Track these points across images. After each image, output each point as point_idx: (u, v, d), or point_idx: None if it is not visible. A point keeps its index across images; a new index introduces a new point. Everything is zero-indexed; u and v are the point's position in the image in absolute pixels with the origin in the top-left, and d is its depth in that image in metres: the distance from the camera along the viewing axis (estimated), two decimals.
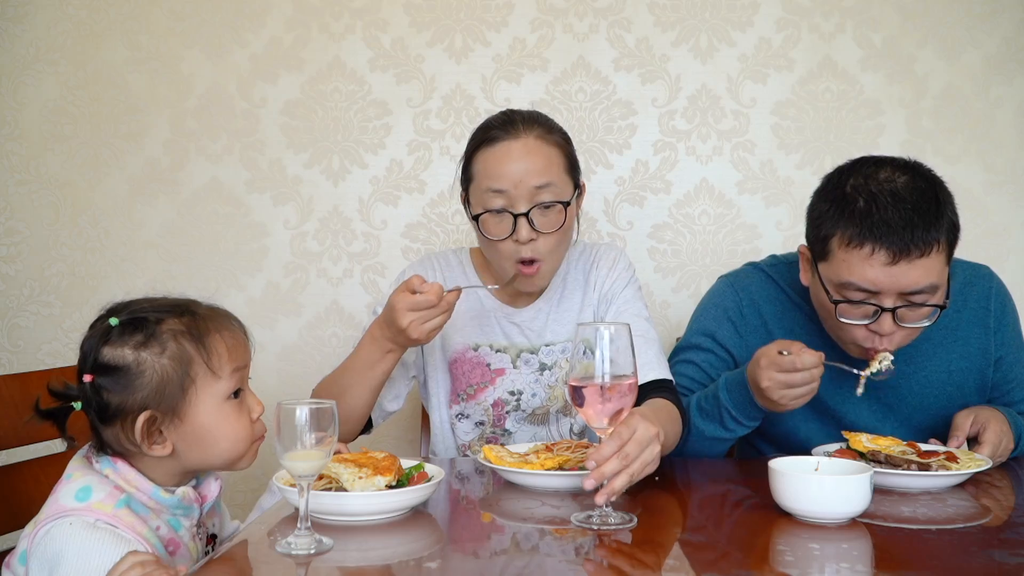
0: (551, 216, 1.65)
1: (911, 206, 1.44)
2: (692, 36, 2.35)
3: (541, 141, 1.65)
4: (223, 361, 1.25)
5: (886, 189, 1.46)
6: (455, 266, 1.84)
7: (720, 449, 1.64)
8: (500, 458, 1.43)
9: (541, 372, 1.79)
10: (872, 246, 1.43)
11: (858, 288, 1.47)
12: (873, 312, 1.47)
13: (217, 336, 1.26)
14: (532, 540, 1.17)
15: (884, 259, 1.43)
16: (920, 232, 1.42)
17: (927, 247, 1.42)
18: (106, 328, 1.24)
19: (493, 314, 1.80)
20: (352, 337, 2.40)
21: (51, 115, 2.44)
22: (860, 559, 1.10)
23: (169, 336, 1.23)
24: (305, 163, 2.41)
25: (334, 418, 1.13)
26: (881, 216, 1.43)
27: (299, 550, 1.09)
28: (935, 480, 1.39)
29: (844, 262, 1.47)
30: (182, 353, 1.23)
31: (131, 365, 1.22)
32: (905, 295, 1.46)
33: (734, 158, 2.36)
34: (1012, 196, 2.33)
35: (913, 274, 1.43)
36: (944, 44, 2.32)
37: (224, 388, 1.25)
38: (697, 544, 1.15)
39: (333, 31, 2.39)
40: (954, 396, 1.66)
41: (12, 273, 2.46)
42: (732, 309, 1.73)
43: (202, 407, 1.24)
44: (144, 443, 1.22)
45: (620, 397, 1.20)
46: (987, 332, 1.68)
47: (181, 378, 1.22)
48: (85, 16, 2.43)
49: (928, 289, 1.45)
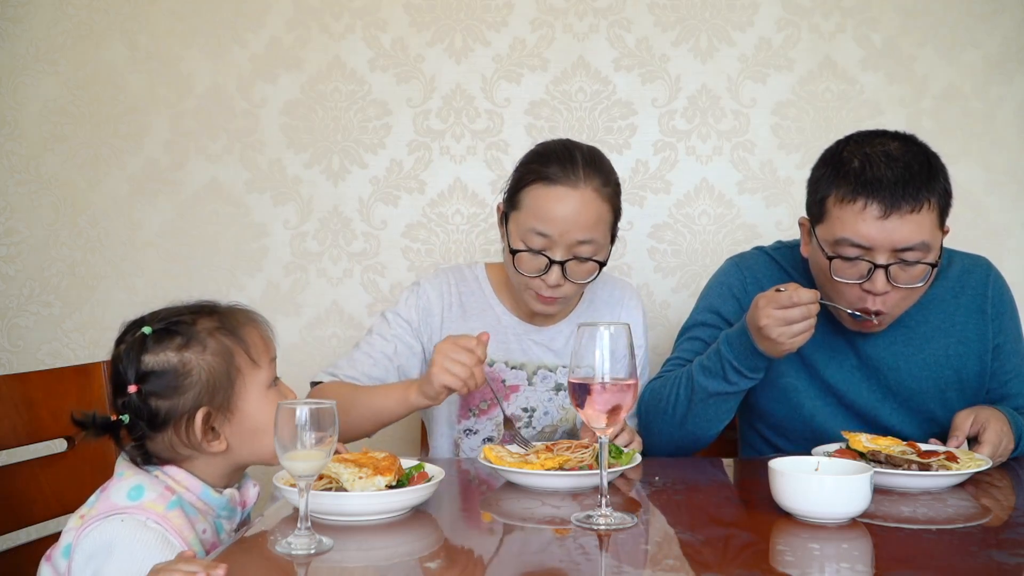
0: (584, 269, 1.68)
1: (903, 165, 1.50)
2: (692, 36, 2.35)
3: (597, 195, 1.65)
4: (260, 351, 1.31)
5: (880, 151, 1.53)
6: (471, 282, 1.84)
7: (725, 409, 1.63)
8: (500, 458, 1.43)
9: (556, 392, 1.80)
10: (865, 201, 1.49)
11: (852, 244, 1.51)
12: (867, 270, 1.52)
13: (249, 328, 1.32)
14: (532, 540, 1.17)
15: (876, 213, 1.49)
16: (911, 188, 1.49)
17: (918, 204, 1.49)
18: (141, 338, 1.26)
19: (512, 331, 1.80)
20: (352, 337, 2.40)
21: (51, 115, 2.44)
22: (860, 559, 1.10)
23: (206, 334, 1.27)
24: (305, 163, 2.41)
25: (334, 418, 1.13)
26: (874, 173, 1.50)
27: (299, 550, 1.09)
28: (935, 480, 1.38)
29: (838, 219, 1.53)
30: (223, 348, 1.27)
31: (177, 367, 1.25)
32: (897, 251, 1.50)
33: (734, 158, 2.36)
34: (1012, 196, 2.33)
35: (904, 229, 1.49)
36: (944, 44, 2.32)
37: (265, 377, 1.30)
38: (697, 544, 1.14)
39: (333, 31, 2.39)
40: (952, 380, 1.68)
41: (12, 273, 2.46)
42: (736, 287, 1.76)
43: (250, 398, 1.28)
44: (203, 441, 1.25)
45: (619, 397, 1.20)
46: (984, 318, 1.70)
47: (228, 371, 1.27)
48: (85, 16, 2.43)
49: (920, 247, 1.50)
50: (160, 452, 1.27)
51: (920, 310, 1.67)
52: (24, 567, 1.50)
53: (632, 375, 1.21)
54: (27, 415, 1.53)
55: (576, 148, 1.70)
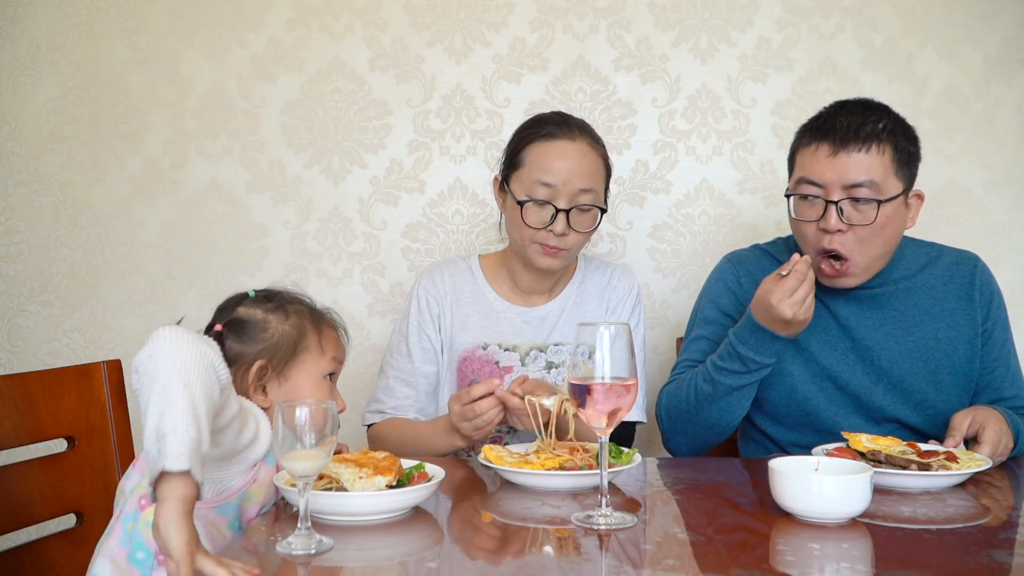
0: (586, 218, 1.78)
1: (858, 114, 1.64)
2: (692, 36, 2.35)
3: (592, 148, 1.79)
4: (329, 344, 1.47)
5: (840, 105, 1.68)
6: (464, 272, 1.92)
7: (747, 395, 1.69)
8: (500, 458, 1.43)
9: (548, 370, 1.85)
10: (818, 142, 1.64)
11: (807, 181, 1.64)
12: (822, 209, 1.62)
13: (330, 326, 1.50)
14: (532, 540, 1.17)
15: (827, 151, 1.62)
16: (862, 131, 1.61)
17: (866, 143, 1.60)
18: (243, 296, 1.48)
19: (503, 314, 1.87)
20: (352, 338, 2.38)
21: (51, 115, 2.44)
22: (860, 559, 1.10)
23: (294, 311, 1.46)
24: (305, 163, 2.41)
25: (334, 418, 1.14)
26: (829, 118, 1.66)
27: (299, 550, 1.09)
28: (935, 480, 1.39)
29: (800, 164, 1.68)
30: (302, 325, 1.45)
31: (259, 321, 1.43)
32: (847, 188, 1.61)
33: (734, 158, 2.36)
34: (1012, 196, 2.33)
35: (853, 166, 1.60)
36: (944, 44, 2.32)
37: (325, 366, 1.45)
38: (697, 544, 1.15)
39: (333, 31, 2.39)
40: (943, 363, 1.72)
41: (12, 273, 2.46)
42: (731, 281, 1.84)
43: (304, 374, 1.43)
44: (251, 390, 1.39)
45: (619, 397, 1.20)
46: (972, 305, 1.75)
47: (295, 343, 1.43)
48: (85, 16, 2.43)
49: (868, 184, 1.60)
50: None
51: (909, 296, 1.74)
52: (24, 567, 1.50)
53: (632, 375, 1.21)
54: (27, 415, 1.53)
55: (566, 114, 1.84)
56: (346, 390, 1.90)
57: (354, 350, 2.41)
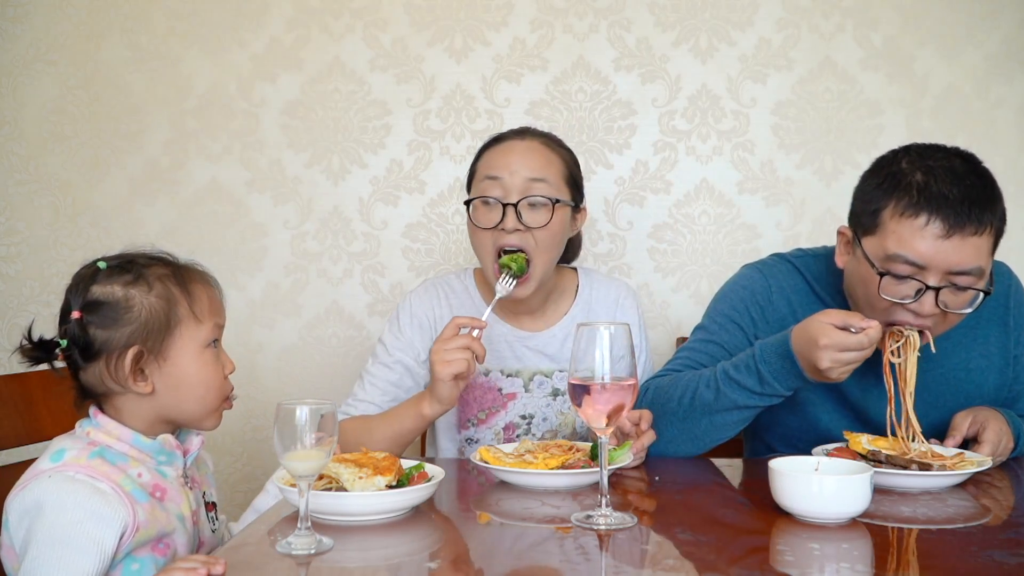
0: (539, 213, 1.65)
1: (969, 184, 1.43)
2: (692, 36, 2.35)
3: (545, 147, 1.72)
4: (204, 309, 1.32)
5: (944, 166, 1.45)
6: (460, 293, 1.82)
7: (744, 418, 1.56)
8: (498, 458, 1.43)
9: (554, 397, 1.79)
10: (928, 216, 1.41)
11: (906, 261, 1.43)
12: (916, 291, 1.44)
13: (199, 286, 1.34)
14: (532, 540, 1.17)
15: (938, 231, 1.41)
16: (976, 209, 1.41)
17: (981, 226, 1.41)
18: (94, 270, 1.30)
19: (504, 339, 1.79)
20: (352, 337, 2.40)
21: (51, 115, 2.44)
22: (860, 559, 1.10)
23: (155, 278, 1.30)
24: (305, 163, 2.41)
25: (334, 418, 1.13)
26: (939, 188, 1.42)
27: (299, 550, 1.09)
28: (935, 480, 1.38)
29: (895, 233, 1.44)
30: (168, 294, 1.30)
31: (120, 301, 1.27)
32: (951, 274, 1.43)
33: (734, 158, 2.36)
34: (1012, 196, 2.31)
35: (964, 251, 1.41)
36: (944, 44, 2.32)
37: (205, 335, 1.32)
38: (697, 544, 1.14)
39: (333, 31, 2.39)
40: (972, 394, 1.64)
41: (12, 273, 2.46)
42: (761, 294, 1.70)
43: (184, 350, 1.30)
44: (130, 379, 1.26)
45: (619, 397, 1.20)
46: (1006, 330, 1.66)
47: (167, 317, 1.29)
48: (85, 16, 2.43)
49: (975, 272, 1.43)
50: (92, 385, 1.29)
51: None
52: None
53: (632, 375, 1.21)
54: (27, 415, 1.53)
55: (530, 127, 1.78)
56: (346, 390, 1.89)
57: (354, 350, 2.41)
